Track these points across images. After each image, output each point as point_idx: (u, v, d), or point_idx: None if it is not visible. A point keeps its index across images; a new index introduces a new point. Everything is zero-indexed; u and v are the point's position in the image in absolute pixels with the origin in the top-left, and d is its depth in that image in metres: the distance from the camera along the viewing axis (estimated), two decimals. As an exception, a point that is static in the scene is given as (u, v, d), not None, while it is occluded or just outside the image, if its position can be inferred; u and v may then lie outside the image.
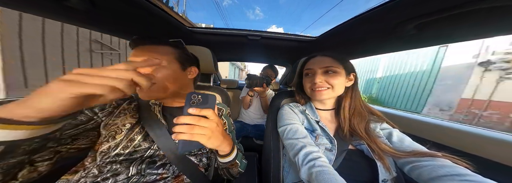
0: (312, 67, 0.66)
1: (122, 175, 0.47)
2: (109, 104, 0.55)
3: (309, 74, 0.68)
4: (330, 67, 0.62)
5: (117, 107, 0.56)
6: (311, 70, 0.66)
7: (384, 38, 0.73)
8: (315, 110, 0.70)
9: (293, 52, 1.30)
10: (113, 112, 0.54)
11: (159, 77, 0.50)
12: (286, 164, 0.71)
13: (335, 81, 0.62)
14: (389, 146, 0.55)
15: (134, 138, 0.52)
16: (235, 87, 2.01)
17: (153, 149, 0.54)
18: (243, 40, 1.07)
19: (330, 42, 0.95)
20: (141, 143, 0.53)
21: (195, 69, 0.64)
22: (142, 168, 0.49)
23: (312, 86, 0.65)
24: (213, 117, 0.37)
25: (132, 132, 0.53)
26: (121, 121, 0.53)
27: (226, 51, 1.39)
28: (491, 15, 0.45)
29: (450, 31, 0.59)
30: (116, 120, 0.53)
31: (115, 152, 0.49)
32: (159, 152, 0.54)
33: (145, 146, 0.53)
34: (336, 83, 0.62)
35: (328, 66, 0.63)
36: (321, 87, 0.63)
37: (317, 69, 0.64)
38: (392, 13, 0.56)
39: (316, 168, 0.45)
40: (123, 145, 0.50)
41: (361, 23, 0.69)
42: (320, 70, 0.64)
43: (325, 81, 0.62)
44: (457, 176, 0.39)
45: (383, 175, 0.53)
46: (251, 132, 1.44)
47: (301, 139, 0.57)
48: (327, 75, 0.63)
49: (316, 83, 0.63)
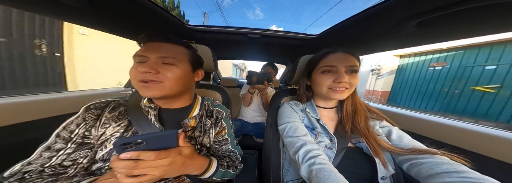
0: (336, 65, 0.59)
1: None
2: (83, 118, 0.48)
3: (330, 71, 0.61)
4: (354, 66, 0.58)
5: (97, 118, 0.49)
6: (334, 67, 0.59)
7: (385, 36, 0.73)
8: (315, 108, 0.70)
9: (293, 51, 1.29)
10: (94, 125, 0.49)
11: (170, 77, 0.48)
12: (286, 162, 0.71)
13: (356, 81, 0.59)
14: (388, 143, 0.55)
15: None
16: (235, 85, 2.01)
17: None
18: (243, 39, 1.07)
19: (330, 41, 0.95)
20: None
21: (202, 72, 0.62)
22: None
23: (332, 85, 0.60)
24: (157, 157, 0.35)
25: None
26: (108, 131, 0.49)
27: (226, 49, 1.38)
28: (492, 12, 0.44)
29: (450, 29, 0.58)
30: (102, 130, 0.49)
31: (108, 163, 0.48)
32: None
33: None
34: (355, 83, 0.59)
35: (352, 66, 0.58)
36: (343, 88, 0.59)
37: (341, 67, 0.58)
38: (392, 11, 0.55)
39: (316, 166, 0.46)
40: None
41: (361, 21, 0.69)
42: (344, 68, 0.58)
43: (347, 81, 0.58)
44: (456, 173, 0.40)
45: (381, 172, 0.54)
46: (251, 130, 1.44)
47: (301, 137, 0.57)
48: (349, 75, 0.58)
49: (341, 82, 0.57)
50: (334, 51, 0.62)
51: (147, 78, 0.45)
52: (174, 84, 0.49)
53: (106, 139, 0.48)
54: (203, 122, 0.61)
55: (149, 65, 0.45)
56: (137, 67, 0.45)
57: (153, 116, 0.52)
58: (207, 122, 0.62)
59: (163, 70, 0.46)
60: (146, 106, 0.53)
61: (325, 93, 0.63)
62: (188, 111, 0.59)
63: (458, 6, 0.44)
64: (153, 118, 0.52)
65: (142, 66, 0.44)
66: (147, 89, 0.46)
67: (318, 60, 0.65)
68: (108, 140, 0.48)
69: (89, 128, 0.48)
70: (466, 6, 0.43)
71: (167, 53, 0.48)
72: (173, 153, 0.38)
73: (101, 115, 0.50)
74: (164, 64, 0.48)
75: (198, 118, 0.60)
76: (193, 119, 0.57)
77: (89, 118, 0.48)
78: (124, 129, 0.50)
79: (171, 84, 0.48)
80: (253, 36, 1.01)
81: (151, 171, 0.35)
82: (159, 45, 0.49)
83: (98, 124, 0.49)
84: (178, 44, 0.52)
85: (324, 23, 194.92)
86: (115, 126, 0.50)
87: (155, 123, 0.52)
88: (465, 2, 0.42)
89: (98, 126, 0.49)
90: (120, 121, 0.51)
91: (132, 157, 0.33)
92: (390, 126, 0.62)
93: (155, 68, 0.45)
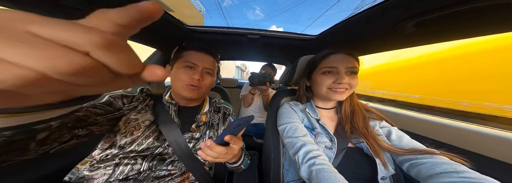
0: (337, 66, 0.60)
1: (134, 169, 0.50)
2: (137, 98, 0.56)
3: (331, 72, 0.62)
4: (354, 68, 0.59)
5: (143, 101, 0.57)
6: (335, 68, 0.60)
7: (384, 36, 0.73)
8: (315, 108, 0.71)
9: (293, 51, 1.29)
10: (137, 107, 0.55)
11: (207, 85, 0.60)
12: (286, 162, 0.71)
13: (355, 82, 0.60)
14: (388, 144, 0.56)
15: (149, 136, 0.54)
16: (234, 86, 2.01)
17: (163, 147, 0.56)
18: (242, 39, 1.07)
19: (329, 41, 0.95)
20: (155, 141, 0.54)
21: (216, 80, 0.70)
22: (153, 164, 0.53)
23: (332, 85, 0.61)
24: (239, 146, 0.44)
25: (149, 130, 0.54)
26: (141, 117, 0.54)
27: (226, 50, 1.39)
28: (490, 12, 0.45)
29: (449, 29, 0.58)
30: (137, 115, 0.54)
31: (130, 148, 0.51)
32: (168, 150, 0.57)
33: (157, 144, 0.55)
34: (355, 84, 0.60)
35: (352, 67, 0.59)
36: (343, 88, 0.60)
37: (342, 68, 0.59)
38: (392, 11, 0.56)
39: (316, 166, 0.46)
40: (138, 142, 0.52)
41: (360, 22, 0.69)
42: (345, 70, 0.59)
43: (347, 82, 0.59)
44: (455, 173, 0.40)
45: (382, 172, 0.54)
46: (251, 131, 1.44)
47: (301, 137, 0.57)
48: (349, 76, 0.59)
49: (341, 83, 0.58)
50: (335, 52, 0.63)
51: (195, 83, 0.56)
52: (206, 91, 0.63)
53: (135, 126, 0.53)
54: (211, 117, 0.70)
55: (199, 74, 0.56)
56: (189, 73, 0.56)
57: (174, 111, 0.61)
58: (214, 116, 0.71)
59: (204, 79, 0.58)
60: (168, 102, 0.62)
61: (324, 93, 0.63)
62: (200, 108, 0.69)
63: (457, 6, 0.44)
64: (173, 113, 0.60)
65: (196, 74, 0.56)
66: (191, 92, 0.57)
67: (319, 61, 0.65)
68: (137, 126, 0.53)
69: (133, 108, 0.54)
70: (465, 7, 0.43)
71: (210, 66, 0.60)
72: (240, 141, 0.46)
73: (145, 102, 0.58)
74: (206, 73, 0.60)
75: (209, 114, 0.69)
76: (204, 115, 0.67)
77: (138, 101, 0.57)
78: (153, 118, 0.56)
79: (205, 91, 0.62)
80: (253, 37, 1.01)
81: (226, 157, 0.43)
82: (205, 56, 0.60)
83: (139, 108, 0.56)
84: (214, 57, 0.63)
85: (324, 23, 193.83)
86: (150, 113, 0.56)
87: (174, 117, 0.59)
88: (464, 3, 0.42)
89: (138, 109, 0.55)
90: (152, 111, 0.58)
91: (231, 141, 0.41)
92: (389, 126, 0.62)
93: (203, 76, 0.58)
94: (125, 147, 0.50)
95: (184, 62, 0.57)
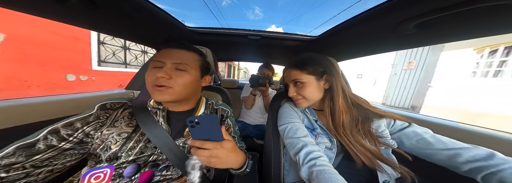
0: (287, 82, 0.69)
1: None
2: (96, 116, 0.49)
3: (288, 85, 0.69)
4: (296, 79, 0.63)
5: (109, 116, 0.51)
6: (287, 84, 0.69)
7: (385, 37, 0.73)
8: (312, 109, 0.71)
9: (293, 52, 1.29)
10: (105, 123, 0.50)
11: (180, 83, 0.51)
12: (287, 163, 0.71)
13: (305, 92, 0.62)
14: (379, 149, 0.53)
15: (134, 147, 0.50)
16: (235, 87, 2.01)
17: (156, 154, 0.53)
18: (243, 40, 1.07)
19: (330, 42, 0.95)
20: (143, 150, 0.51)
21: (209, 78, 0.65)
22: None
23: (292, 97, 0.67)
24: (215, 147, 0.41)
25: (131, 141, 0.50)
26: (116, 131, 0.50)
27: (226, 51, 1.39)
28: (491, 13, 0.44)
29: (450, 30, 0.58)
30: (110, 129, 0.49)
31: (119, 161, 0.48)
32: (162, 157, 0.53)
33: (148, 153, 0.51)
34: (306, 93, 0.62)
35: (294, 79, 0.64)
36: (297, 99, 0.66)
37: (289, 83, 0.67)
38: (392, 12, 0.56)
39: (316, 167, 0.46)
40: (124, 154, 0.48)
41: (361, 22, 0.69)
42: (291, 83, 0.66)
43: (297, 93, 0.64)
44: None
45: (382, 176, 0.53)
46: (252, 132, 1.44)
47: (302, 138, 0.57)
48: (297, 87, 0.64)
49: (291, 96, 0.65)
50: (286, 68, 0.70)
51: (160, 83, 0.48)
52: (183, 90, 0.52)
53: (111, 141, 0.48)
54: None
55: (164, 71, 0.49)
56: (154, 72, 0.48)
57: (162, 117, 0.55)
58: None
59: (174, 77, 0.50)
60: (154, 107, 0.56)
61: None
62: (194, 111, 0.63)
63: (458, 7, 0.44)
64: (161, 119, 0.55)
65: (159, 71, 0.48)
66: (159, 93, 0.49)
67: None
68: (113, 140, 0.49)
69: (99, 127, 0.49)
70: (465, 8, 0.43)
71: (183, 60, 0.52)
72: (217, 145, 0.41)
73: (114, 115, 0.52)
74: (177, 70, 0.51)
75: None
76: None
77: (104, 117, 0.50)
78: (132, 129, 0.52)
79: (180, 90, 0.51)
80: (253, 38, 1.01)
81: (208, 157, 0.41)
82: (174, 52, 0.52)
83: (109, 123, 0.50)
84: (191, 51, 0.56)
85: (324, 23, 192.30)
86: (124, 125, 0.51)
87: (162, 124, 0.54)
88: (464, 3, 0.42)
89: (108, 125, 0.50)
90: (128, 121, 0.53)
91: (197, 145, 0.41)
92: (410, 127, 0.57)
93: (169, 74, 0.48)
94: (113, 161, 0.48)
95: (152, 63, 0.51)
